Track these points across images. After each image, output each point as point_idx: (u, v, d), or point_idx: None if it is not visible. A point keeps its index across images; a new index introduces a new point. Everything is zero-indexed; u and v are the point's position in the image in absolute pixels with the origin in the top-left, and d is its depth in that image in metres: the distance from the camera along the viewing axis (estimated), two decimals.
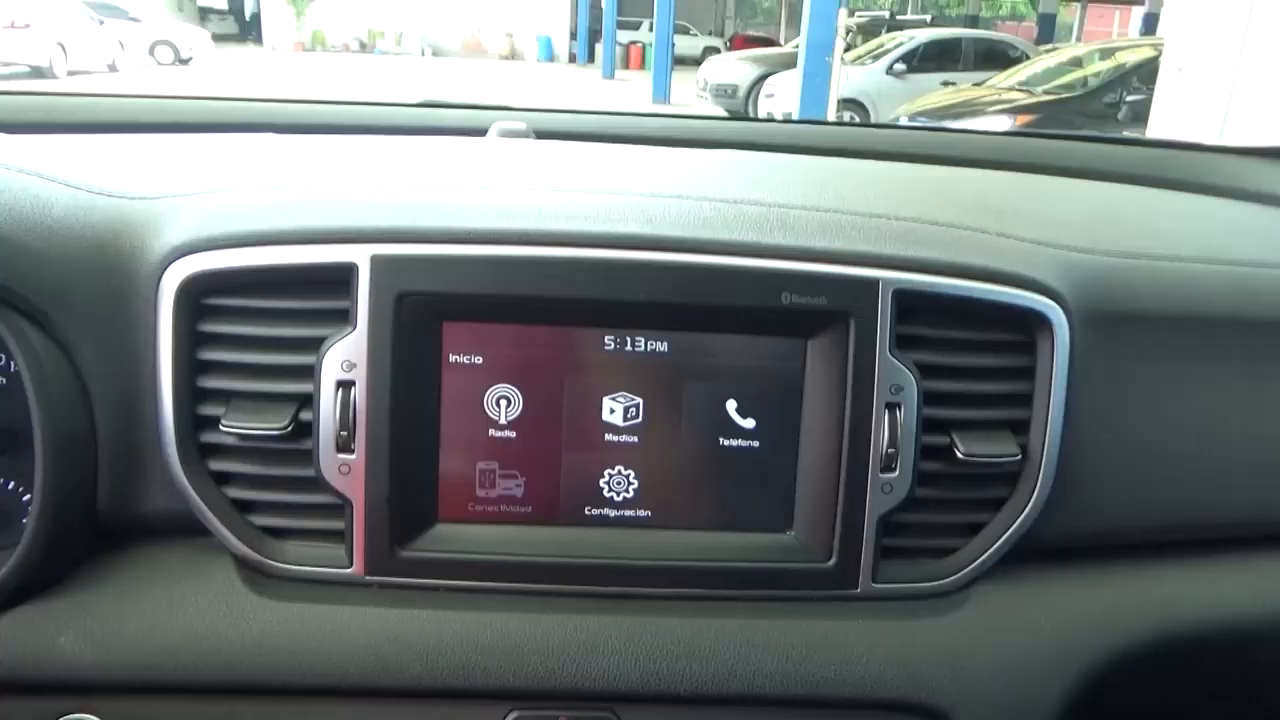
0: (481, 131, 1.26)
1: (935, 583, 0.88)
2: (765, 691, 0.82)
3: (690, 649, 0.83)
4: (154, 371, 0.81)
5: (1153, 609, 0.92)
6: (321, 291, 0.82)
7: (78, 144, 1.04)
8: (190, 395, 0.82)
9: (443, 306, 0.81)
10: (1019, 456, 0.86)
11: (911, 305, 0.84)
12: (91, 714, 0.79)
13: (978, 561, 0.88)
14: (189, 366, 0.81)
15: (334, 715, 0.81)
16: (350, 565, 0.83)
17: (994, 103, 8.59)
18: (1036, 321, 0.86)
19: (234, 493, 0.84)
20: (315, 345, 0.81)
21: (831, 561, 0.86)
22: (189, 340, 0.81)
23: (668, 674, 0.82)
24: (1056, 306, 0.86)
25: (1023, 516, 0.88)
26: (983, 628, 0.87)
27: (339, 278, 0.80)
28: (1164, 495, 0.93)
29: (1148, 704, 0.97)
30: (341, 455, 0.81)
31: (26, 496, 0.81)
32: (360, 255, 0.80)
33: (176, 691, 0.80)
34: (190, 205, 0.84)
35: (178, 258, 0.80)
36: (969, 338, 0.87)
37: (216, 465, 0.83)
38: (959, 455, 0.84)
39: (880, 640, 0.85)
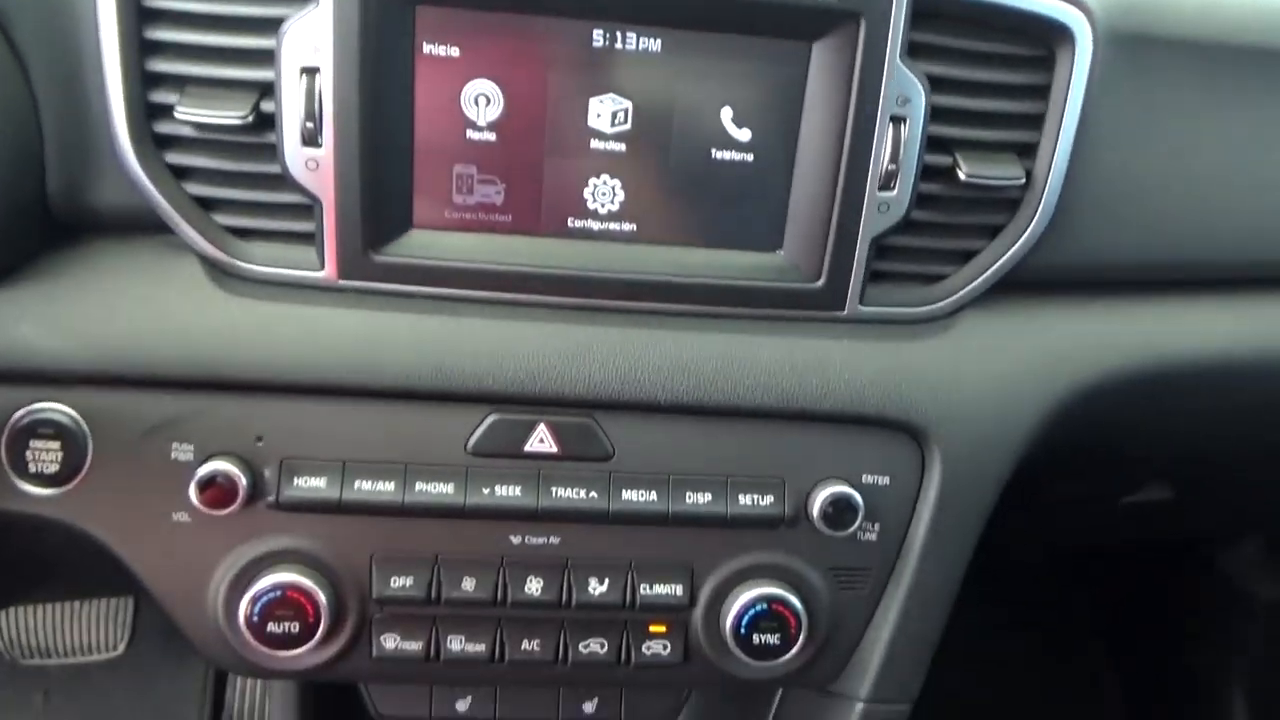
0: None
1: (922, 308, 0.87)
2: (744, 403, 0.83)
3: (672, 361, 0.82)
4: (98, 48, 0.73)
5: (1134, 342, 0.92)
6: None
7: None
8: (140, 79, 0.75)
9: None
10: (1022, 181, 0.82)
11: (927, 10, 0.78)
12: (62, 404, 0.78)
13: (966, 289, 0.87)
14: (136, 46, 0.74)
15: (309, 414, 0.81)
16: (322, 269, 0.80)
17: None
18: (1059, 35, 0.80)
19: (195, 189, 0.79)
20: (274, 26, 0.74)
21: (820, 282, 0.84)
22: (134, 15, 0.73)
23: (649, 384, 0.82)
24: (1083, 19, 0.79)
25: (1018, 245, 0.85)
26: (966, 352, 0.87)
27: None
28: (1160, 232, 0.91)
29: (1118, 431, 0.99)
30: (308, 149, 0.76)
31: None
32: None
33: (146, 384, 0.78)
34: None
35: None
36: (985, 49, 0.81)
37: (174, 158, 0.77)
38: (961, 176, 0.81)
39: (863, 360, 0.85)
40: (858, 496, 0.84)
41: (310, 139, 0.75)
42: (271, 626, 0.81)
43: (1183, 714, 1.91)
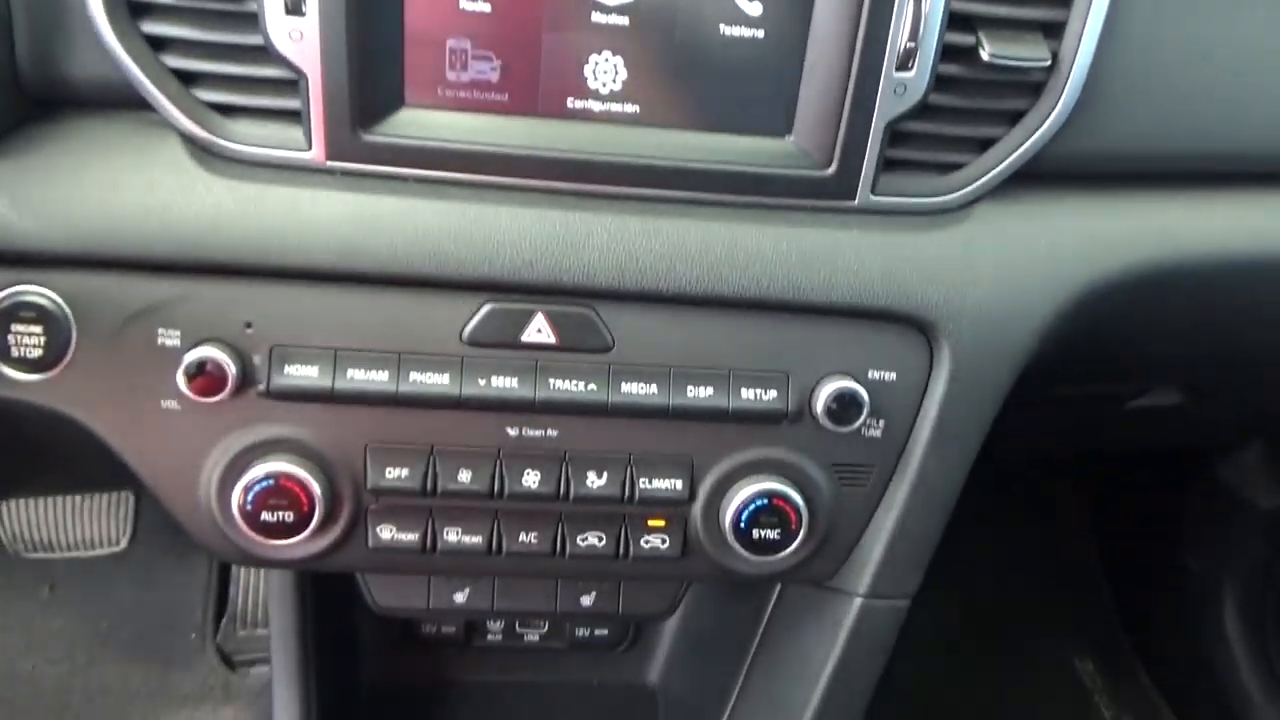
0: None
1: (936, 199, 0.83)
2: (749, 294, 0.80)
3: (675, 249, 0.79)
4: None
5: (1155, 237, 0.88)
6: None
7: None
8: None
9: None
10: (1048, 63, 0.78)
11: None
12: (44, 287, 0.76)
13: (983, 179, 0.83)
14: None
15: (299, 301, 0.78)
16: (310, 149, 0.76)
17: None
18: None
19: (173, 61, 0.74)
20: None
21: (831, 170, 0.80)
22: None
23: (650, 272, 0.79)
24: None
25: (1040, 132, 0.81)
26: (979, 245, 0.84)
27: None
28: (1187, 120, 0.87)
29: (1132, 329, 0.96)
30: (291, 19, 0.71)
31: None
32: None
33: (129, 267, 0.76)
34: None
35: None
36: None
37: (150, 27, 0.73)
38: (983, 57, 0.76)
39: (873, 252, 0.82)
40: (863, 392, 0.82)
41: (293, 7, 0.71)
42: (265, 516, 0.80)
43: (1175, 617, 1.94)
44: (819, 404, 0.83)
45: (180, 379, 0.77)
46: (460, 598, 1.05)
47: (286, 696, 0.99)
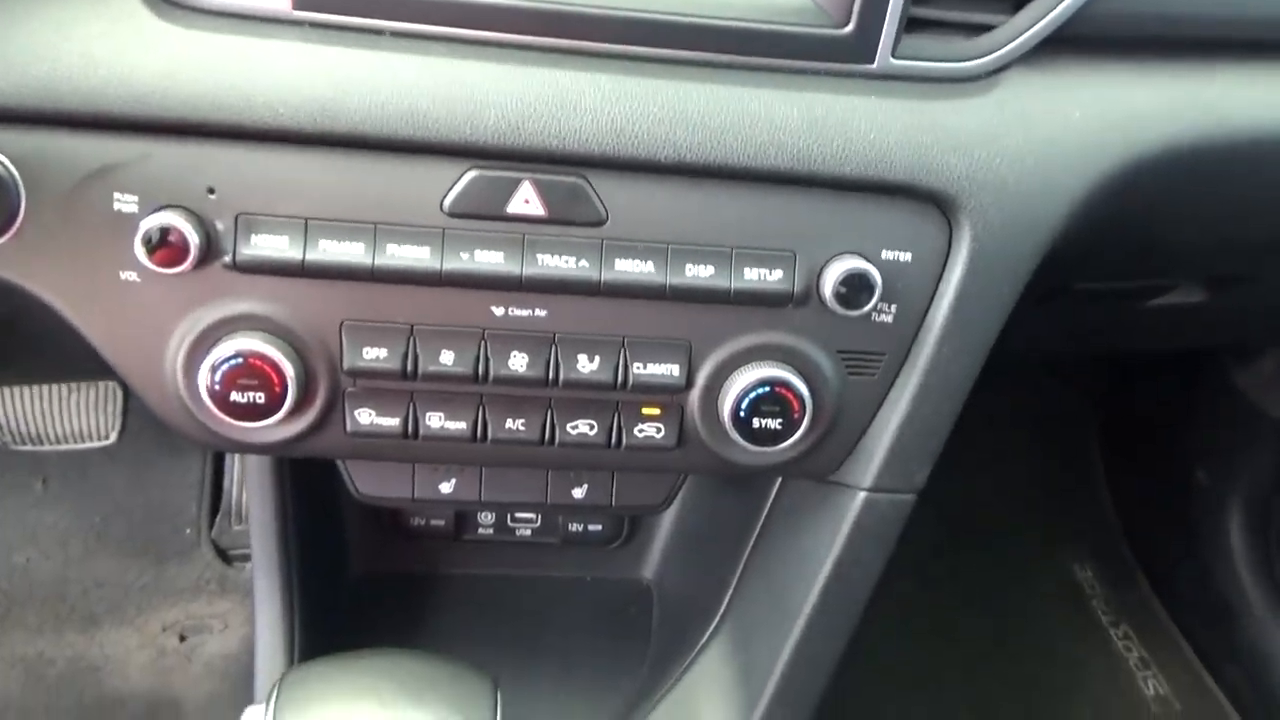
0: None
1: (963, 64, 0.76)
2: (755, 164, 0.73)
3: (675, 113, 0.72)
4: None
5: (1198, 111, 0.81)
6: None
7: None
8: None
9: None
10: None
11: None
12: None
13: (1015, 43, 0.76)
14: None
15: (266, 165, 0.72)
16: None
17: None
18: None
19: None
20: None
21: (848, 28, 0.73)
22: None
23: (647, 138, 0.72)
24: None
25: None
26: (1008, 115, 0.77)
27: None
28: None
29: (1165, 215, 0.90)
30: None
31: None
32: None
33: (80, 124, 0.69)
34: None
35: None
36: None
37: None
38: None
39: (892, 120, 0.75)
40: (875, 273, 0.76)
41: None
42: (235, 396, 0.75)
43: (1177, 526, 1.92)
44: (827, 286, 0.77)
45: (139, 248, 0.71)
46: (446, 488, 1.01)
47: (267, 585, 0.97)
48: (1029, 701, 1.83)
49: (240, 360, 0.74)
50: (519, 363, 0.78)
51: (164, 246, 0.71)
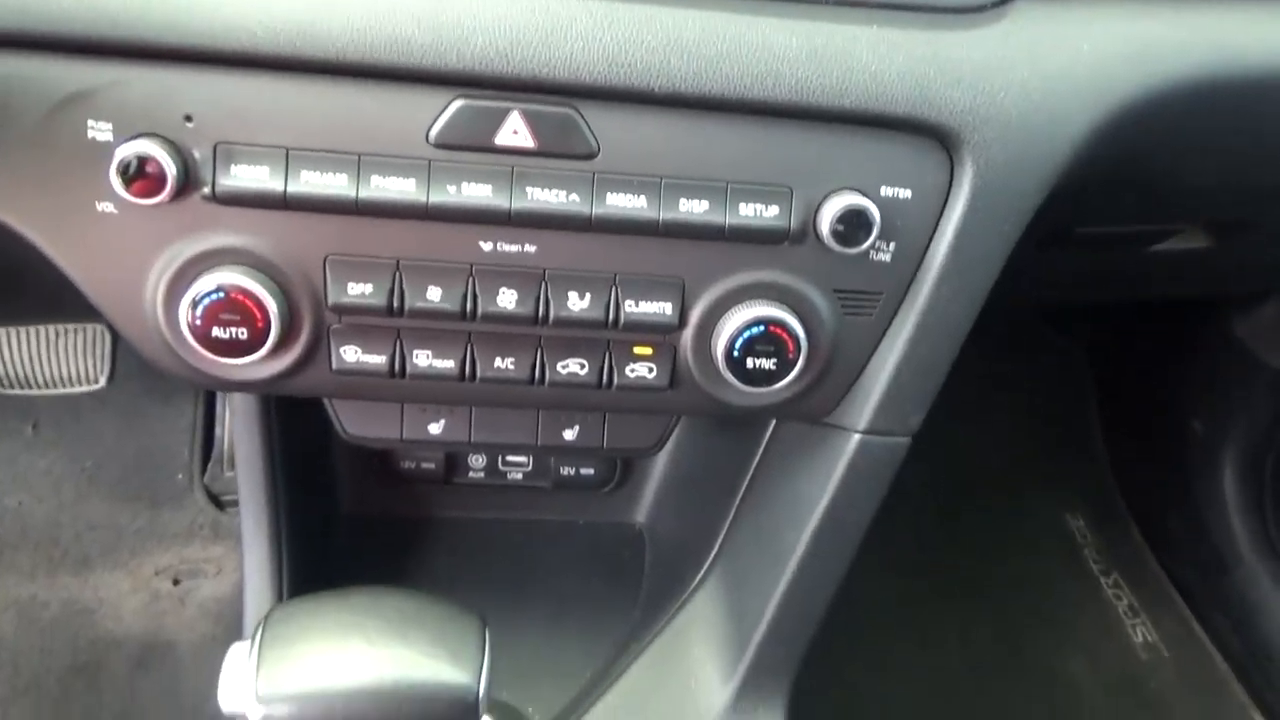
0: None
1: None
2: (752, 95, 0.71)
3: (670, 41, 0.70)
4: None
5: (1207, 46, 0.79)
6: None
7: None
8: None
9: None
10: None
11: None
12: None
13: None
14: None
15: (245, 92, 0.69)
16: None
17: None
18: None
19: None
20: None
21: None
22: None
23: (641, 67, 0.70)
24: None
25: None
26: (1015, 47, 0.74)
27: None
28: None
29: (1173, 153, 0.88)
30: None
31: None
32: None
33: (50, 47, 0.67)
34: None
35: None
36: None
37: None
38: None
39: (894, 51, 0.72)
40: (874, 210, 0.74)
41: None
42: (217, 332, 0.73)
43: (1171, 475, 1.92)
44: (825, 223, 0.75)
45: (114, 177, 0.69)
46: (435, 429, 1.00)
47: (254, 526, 0.96)
48: (1018, 647, 1.84)
49: (221, 295, 0.72)
50: (508, 300, 0.76)
51: (140, 177, 0.69)
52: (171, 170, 0.69)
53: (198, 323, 0.73)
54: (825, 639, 0.99)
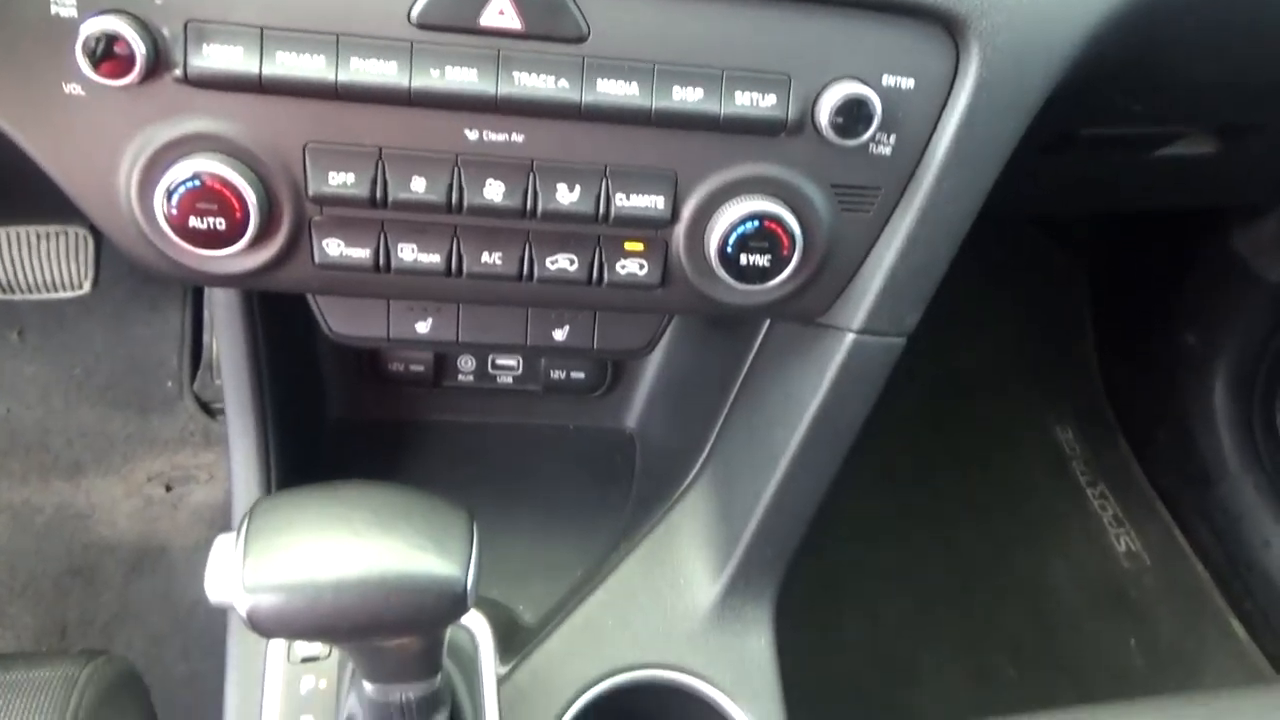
0: None
1: None
2: None
3: None
4: None
5: None
6: None
7: None
8: None
9: None
10: None
11: None
12: None
13: None
14: None
15: None
16: None
17: None
18: None
19: None
20: None
21: None
22: None
23: None
24: None
25: None
26: None
27: None
28: None
29: (1187, 46, 0.84)
30: None
31: None
32: None
33: None
34: None
35: None
36: None
37: None
38: None
39: None
40: (875, 100, 0.72)
41: None
42: (194, 222, 0.71)
43: (1162, 389, 1.93)
44: (824, 113, 0.72)
45: (80, 56, 0.65)
46: (423, 327, 0.98)
47: (240, 427, 0.95)
48: (1003, 555, 1.87)
49: (197, 183, 0.70)
50: (495, 191, 0.73)
51: (108, 56, 0.66)
52: (140, 49, 0.65)
53: (174, 212, 0.70)
54: (813, 544, 1.00)
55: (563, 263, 0.78)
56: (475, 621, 0.92)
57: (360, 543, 0.61)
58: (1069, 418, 2.05)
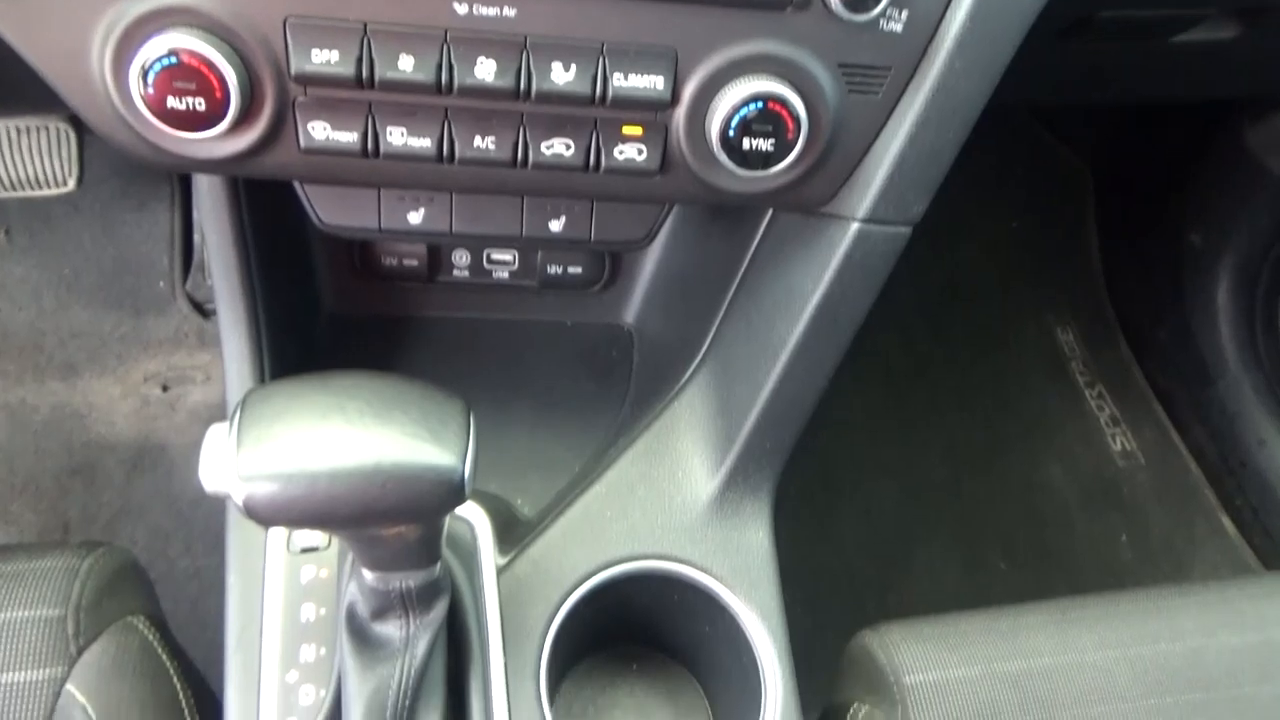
0: None
1: None
2: None
3: None
4: None
5: None
6: None
7: None
8: None
9: None
10: None
11: None
12: None
13: None
14: None
15: None
16: None
17: None
18: None
19: None
20: None
21: None
22: None
23: None
24: None
25: None
26: None
27: None
28: None
29: None
30: None
31: None
32: None
33: None
34: None
35: None
36: None
37: None
38: None
39: None
40: None
41: None
42: (172, 102, 0.68)
43: (1164, 288, 1.91)
44: None
45: None
46: (415, 218, 0.96)
47: (231, 320, 0.93)
48: (999, 454, 1.89)
49: (174, 60, 0.66)
50: (486, 70, 0.70)
51: None
52: None
53: (150, 92, 0.67)
54: (811, 439, 0.99)
55: (558, 148, 0.75)
56: (474, 513, 0.93)
57: (356, 431, 0.60)
58: (1070, 318, 2.04)
